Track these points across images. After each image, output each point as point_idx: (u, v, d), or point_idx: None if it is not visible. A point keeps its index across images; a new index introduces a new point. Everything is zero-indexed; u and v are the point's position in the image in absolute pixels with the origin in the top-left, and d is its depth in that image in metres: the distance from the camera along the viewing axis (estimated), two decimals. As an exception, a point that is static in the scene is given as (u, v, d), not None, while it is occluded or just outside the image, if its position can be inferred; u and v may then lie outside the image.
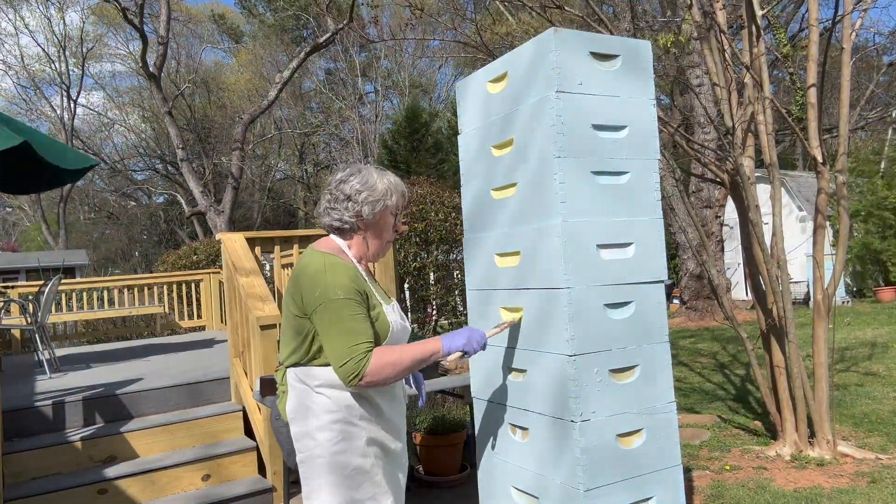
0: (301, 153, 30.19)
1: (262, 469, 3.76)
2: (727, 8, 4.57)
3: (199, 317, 8.83)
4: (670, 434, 2.12)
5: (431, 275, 7.40)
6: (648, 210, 2.15)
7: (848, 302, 12.29)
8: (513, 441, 2.21)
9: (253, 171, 28.85)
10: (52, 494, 3.27)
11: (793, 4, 13.05)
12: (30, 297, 5.98)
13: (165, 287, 8.62)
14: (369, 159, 22.75)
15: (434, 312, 7.56)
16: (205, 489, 3.60)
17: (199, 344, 6.74)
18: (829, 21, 4.37)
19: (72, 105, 28.90)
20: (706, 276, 6.32)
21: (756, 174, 4.73)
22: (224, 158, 25.99)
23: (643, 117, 2.17)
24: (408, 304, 7.32)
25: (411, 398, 2.65)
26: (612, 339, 2.03)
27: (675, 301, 13.49)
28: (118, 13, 15.82)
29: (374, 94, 27.13)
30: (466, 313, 3.66)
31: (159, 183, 32.11)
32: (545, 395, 2.05)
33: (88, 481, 3.37)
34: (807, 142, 4.27)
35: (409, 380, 2.17)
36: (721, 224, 12.33)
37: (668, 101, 16.84)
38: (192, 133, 27.64)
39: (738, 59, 4.52)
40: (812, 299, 4.38)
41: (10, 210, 37.49)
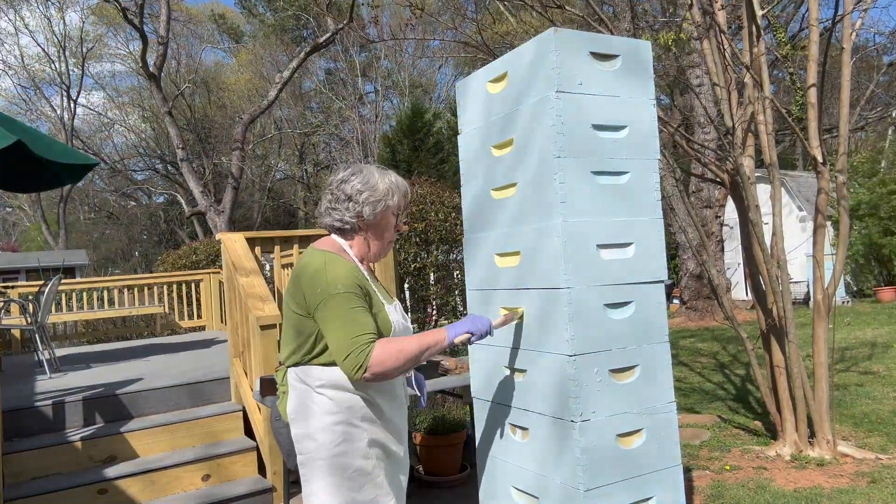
0: (301, 153, 30.18)
1: (262, 469, 3.76)
2: (727, 8, 4.57)
3: (199, 317, 8.83)
4: (670, 434, 2.12)
5: (431, 275, 7.40)
6: (648, 210, 2.15)
7: (848, 302, 12.28)
8: (513, 441, 2.21)
9: (253, 171, 28.85)
10: (52, 494, 3.27)
11: (793, 4, 13.06)
12: (30, 297, 5.98)
13: (165, 287, 8.62)
14: (369, 159, 22.74)
15: (434, 312, 7.55)
16: (205, 489, 3.60)
17: (199, 344, 6.74)
18: (830, 21, 4.37)
19: (72, 105, 28.92)
20: (706, 276, 6.33)
21: (756, 174, 4.73)
22: (224, 158, 25.99)
23: (643, 117, 2.17)
24: (408, 304, 7.32)
25: (412, 399, 2.65)
26: (612, 339, 2.03)
27: (675, 301, 13.49)
28: (118, 13, 15.82)
29: (374, 94, 27.12)
30: (466, 313, 3.66)
31: (159, 183, 32.11)
32: (545, 395, 2.05)
33: (88, 481, 3.37)
34: (807, 142, 4.27)
35: (411, 381, 2.15)
36: (721, 224, 12.32)
37: (668, 101, 16.85)
38: (192, 133, 27.64)
39: (738, 58, 4.52)
40: (812, 299, 4.38)
41: (10, 210, 37.50)
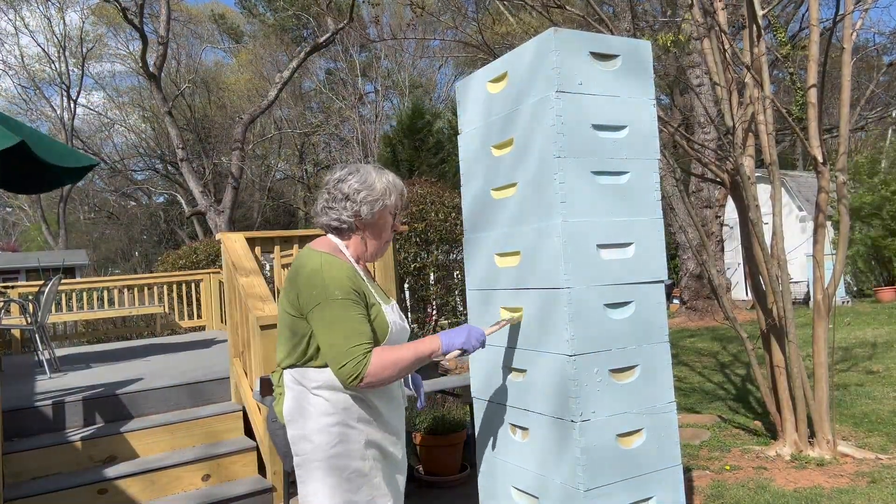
0: (301, 153, 30.17)
1: (262, 469, 3.76)
2: (727, 8, 4.57)
3: (199, 317, 8.83)
4: (670, 434, 2.12)
5: (431, 275, 7.40)
6: (648, 210, 2.15)
7: (848, 302, 12.28)
8: (513, 441, 2.21)
9: (253, 171, 28.84)
10: (52, 494, 3.26)
11: (793, 4, 13.06)
12: (30, 297, 5.98)
13: (165, 287, 8.62)
14: (369, 159, 22.74)
15: (434, 312, 7.56)
16: (205, 489, 3.60)
17: (199, 344, 6.74)
18: (830, 21, 4.37)
19: (72, 105, 28.93)
20: (706, 276, 6.33)
21: (756, 174, 4.73)
22: (224, 158, 26.01)
23: (643, 117, 2.17)
24: (408, 304, 7.32)
25: (410, 399, 2.65)
26: (612, 339, 2.03)
27: (675, 301, 13.49)
28: (118, 13, 15.83)
29: (374, 94, 27.12)
30: (466, 313, 3.65)
31: (159, 183, 32.12)
32: (545, 395, 2.05)
33: (88, 481, 3.37)
34: (807, 141, 4.27)
35: (408, 381, 2.14)
36: (721, 224, 12.32)
37: (668, 101, 16.86)
38: (192, 133, 27.63)
39: (738, 58, 4.52)
40: (812, 299, 4.38)
41: (10, 210, 37.50)
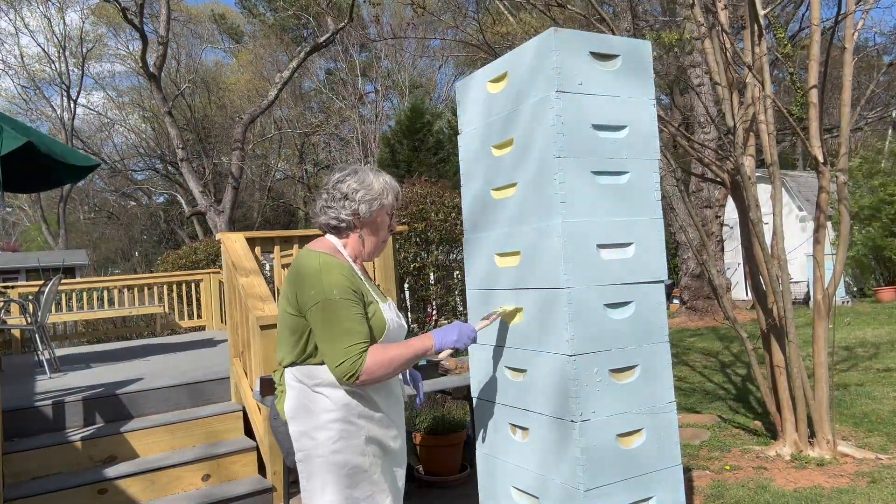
0: (301, 153, 30.17)
1: (262, 469, 3.76)
2: (728, 8, 4.56)
3: (199, 317, 8.84)
4: (670, 434, 2.12)
5: (431, 275, 7.40)
6: (648, 210, 2.15)
7: (848, 302, 12.28)
8: (513, 441, 2.21)
9: (253, 171, 28.85)
10: (53, 494, 3.27)
11: (793, 4, 13.08)
12: (30, 297, 5.98)
13: (165, 287, 8.63)
14: (369, 159, 22.73)
15: (434, 312, 7.56)
16: (205, 489, 3.60)
17: (199, 344, 6.74)
18: (831, 21, 4.37)
19: (72, 105, 28.93)
20: (706, 275, 6.33)
21: (756, 174, 4.73)
22: (224, 158, 26.02)
23: (643, 117, 2.17)
24: (408, 304, 7.32)
25: (410, 397, 2.65)
26: (612, 339, 2.03)
27: (676, 301, 13.49)
28: (118, 13, 15.83)
29: (374, 94, 27.11)
30: (466, 313, 3.66)
31: (159, 183, 32.12)
32: (545, 395, 2.05)
33: (88, 481, 3.37)
34: (808, 141, 4.26)
35: (407, 379, 2.18)
36: (721, 224, 12.32)
37: (669, 100, 16.86)
38: (192, 133, 27.63)
39: (739, 58, 4.51)
40: (812, 299, 4.38)
41: (10, 210, 37.49)
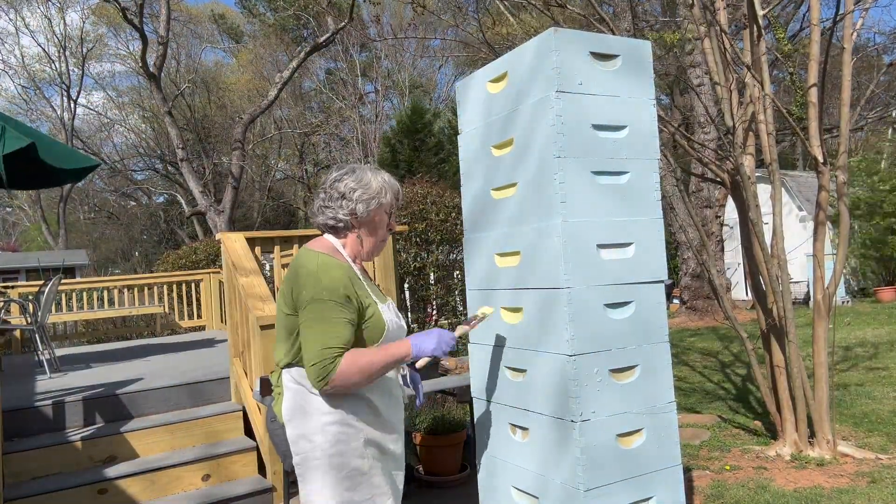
0: (301, 153, 30.17)
1: (262, 469, 3.76)
2: (728, 8, 4.57)
3: (199, 317, 8.83)
4: (670, 434, 2.12)
5: (431, 275, 7.40)
6: (648, 210, 2.15)
7: (848, 302, 12.28)
8: (513, 441, 2.21)
9: (253, 171, 28.84)
10: (53, 494, 3.27)
11: (793, 4, 13.07)
12: (30, 297, 5.98)
13: (165, 287, 8.62)
14: (369, 159, 22.73)
15: (434, 312, 7.55)
16: (205, 489, 3.60)
17: (199, 344, 6.74)
18: (830, 21, 4.37)
19: (72, 105, 28.95)
20: (706, 275, 6.33)
21: (756, 174, 4.73)
22: (224, 158, 26.01)
23: (643, 117, 2.17)
24: (408, 304, 7.32)
25: (410, 398, 2.65)
26: (612, 339, 2.03)
27: (676, 301, 13.48)
28: (118, 13, 15.82)
29: (374, 94, 27.11)
30: (466, 313, 3.66)
31: (159, 183, 32.12)
32: (545, 395, 2.05)
33: (88, 481, 3.37)
34: (807, 141, 4.27)
35: (407, 380, 2.16)
36: (721, 224, 12.31)
37: (668, 100, 16.86)
38: (192, 133, 27.63)
39: (739, 58, 4.52)
40: (812, 299, 4.38)
41: (10, 210, 37.50)
